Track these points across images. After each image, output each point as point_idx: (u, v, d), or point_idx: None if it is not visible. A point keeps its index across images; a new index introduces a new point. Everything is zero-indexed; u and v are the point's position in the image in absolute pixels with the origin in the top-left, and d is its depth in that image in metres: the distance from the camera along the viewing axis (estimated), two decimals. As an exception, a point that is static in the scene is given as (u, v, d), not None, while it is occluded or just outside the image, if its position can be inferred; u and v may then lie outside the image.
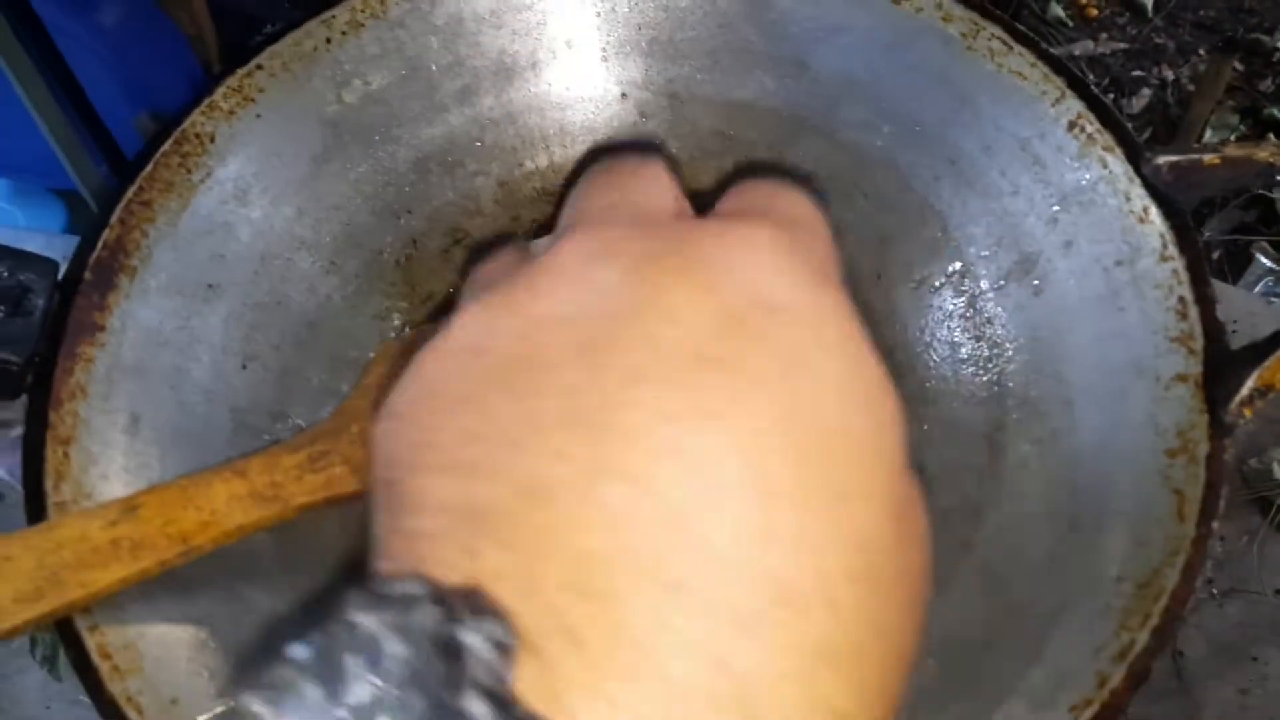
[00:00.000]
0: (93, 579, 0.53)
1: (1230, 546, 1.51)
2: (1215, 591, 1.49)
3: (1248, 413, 0.57)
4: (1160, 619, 0.53)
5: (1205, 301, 0.61)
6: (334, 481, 0.63)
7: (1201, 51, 2.06)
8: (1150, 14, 2.15)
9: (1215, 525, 0.55)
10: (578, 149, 0.81)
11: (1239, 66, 2.06)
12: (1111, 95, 2.17)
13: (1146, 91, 2.17)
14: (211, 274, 0.71)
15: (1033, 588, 0.60)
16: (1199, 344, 0.60)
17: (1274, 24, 2.12)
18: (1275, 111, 1.99)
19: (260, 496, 0.61)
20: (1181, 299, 0.62)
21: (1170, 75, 2.14)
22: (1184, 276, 0.62)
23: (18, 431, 0.93)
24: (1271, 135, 2.01)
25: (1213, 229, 1.94)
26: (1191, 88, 1.98)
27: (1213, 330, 0.61)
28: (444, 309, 0.76)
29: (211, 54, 1.03)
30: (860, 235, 0.77)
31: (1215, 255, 1.88)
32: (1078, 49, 2.21)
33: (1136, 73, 2.19)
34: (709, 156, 0.81)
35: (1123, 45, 2.19)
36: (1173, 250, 0.63)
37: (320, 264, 0.76)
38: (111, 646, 0.56)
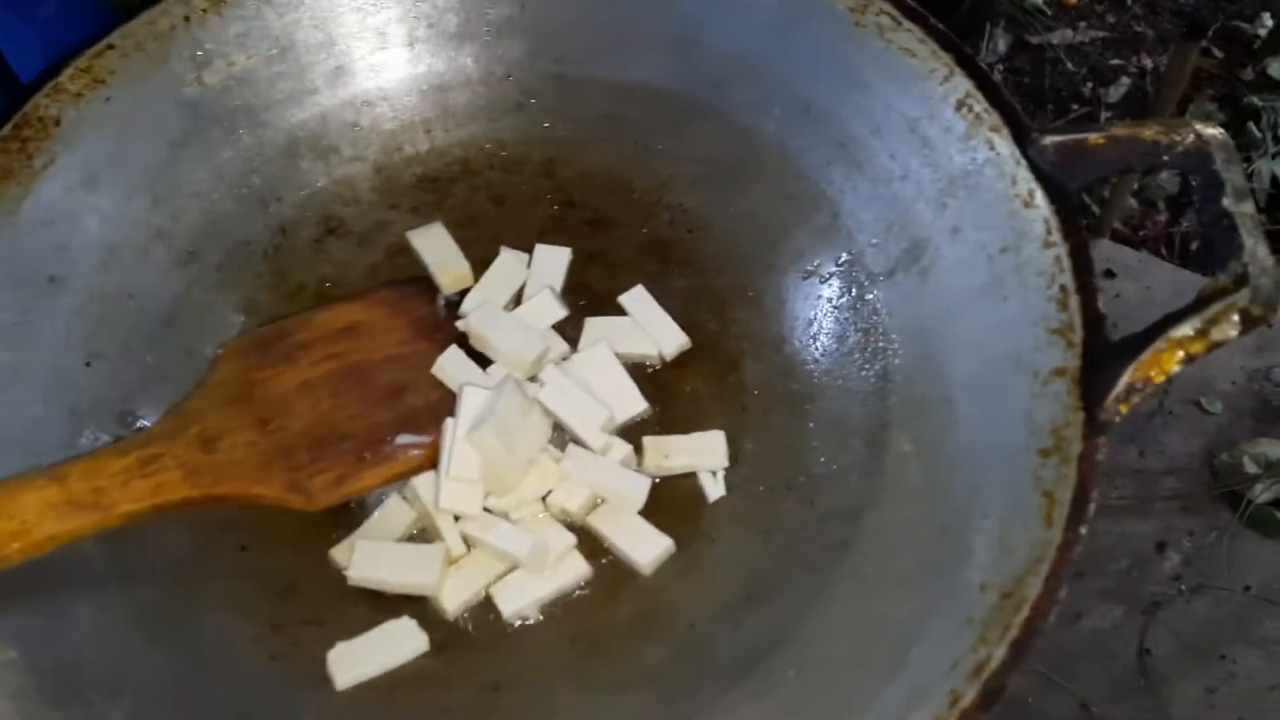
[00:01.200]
0: None
1: (1199, 542, 1.45)
2: (1184, 588, 1.44)
3: (1123, 409, 0.53)
4: (1019, 631, 0.50)
5: (1086, 290, 0.57)
6: (164, 487, 0.60)
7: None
8: (1129, 2, 2.10)
9: (1083, 531, 0.51)
10: (460, 133, 0.77)
11: (1218, 54, 2.02)
12: (1090, 84, 2.13)
13: (1125, 80, 2.13)
14: (54, 265, 0.67)
15: (901, 597, 0.56)
16: (1078, 336, 0.56)
17: (1254, 11, 2.07)
18: (1255, 100, 1.94)
19: (78, 504, 0.57)
20: (1063, 287, 0.58)
21: (1149, 64, 2.10)
22: (1066, 264, 0.58)
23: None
24: (1251, 124, 1.96)
25: (1192, 221, 1.90)
26: (1173, 76, 1.95)
27: (1092, 321, 0.57)
28: (317, 300, 0.73)
29: None
30: (755, 224, 0.73)
31: (1194, 246, 1.83)
32: (1056, 37, 2.16)
33: (1115, 61, 2.14)
34: (601, 141, 0.77)
35: (1101, 33, 2.14)
36: (1056, 236, 0.59)
37: (177, 254, 0.72)
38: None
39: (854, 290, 0.68)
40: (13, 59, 0.79)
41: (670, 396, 0.69)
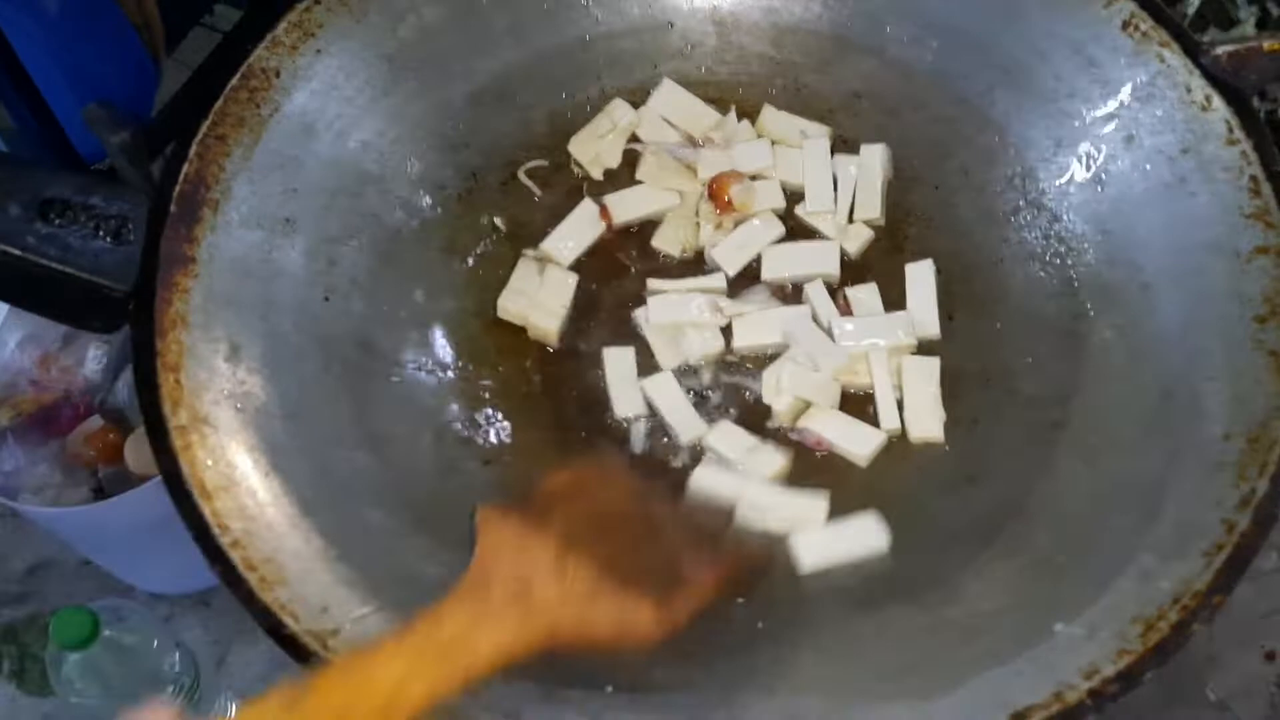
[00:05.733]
0: None
1: None
2: None
3: (1333, 276, 0.60)
4: (1278, 467, 0.56)
5: (1277, 179, 0.64)
6: (502, 634, 0.52)
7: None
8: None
9: (1315, 380, 0.58)
10: (628, 80, 0.82)
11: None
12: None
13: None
14: (287, 208, 0.71)
15: (1137, 457, 0.63)
16: (1276, 217, 0.63)
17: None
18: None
19: (434, 658, 0.51)
20: (1253, 178, 0.65)
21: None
22: (1253, 157, 0.65)
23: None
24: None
25: None
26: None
27: (1289, 202, 0.63)
28: (510, 240, 0.77)
29: (158, 42, 1.01)
30: (913, 148, 0.79)
31: None
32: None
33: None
34: (757, 80, 0.82)
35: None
36: (1239, 134, 0.66)
37: (388, 199, 0.75)
38: (254, 560, 0.56)
39: (1028, 201, 0.75)
40: (23, 55, 0.81)
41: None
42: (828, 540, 0.66)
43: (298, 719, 0.46)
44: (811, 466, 0.70)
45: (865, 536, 0.65)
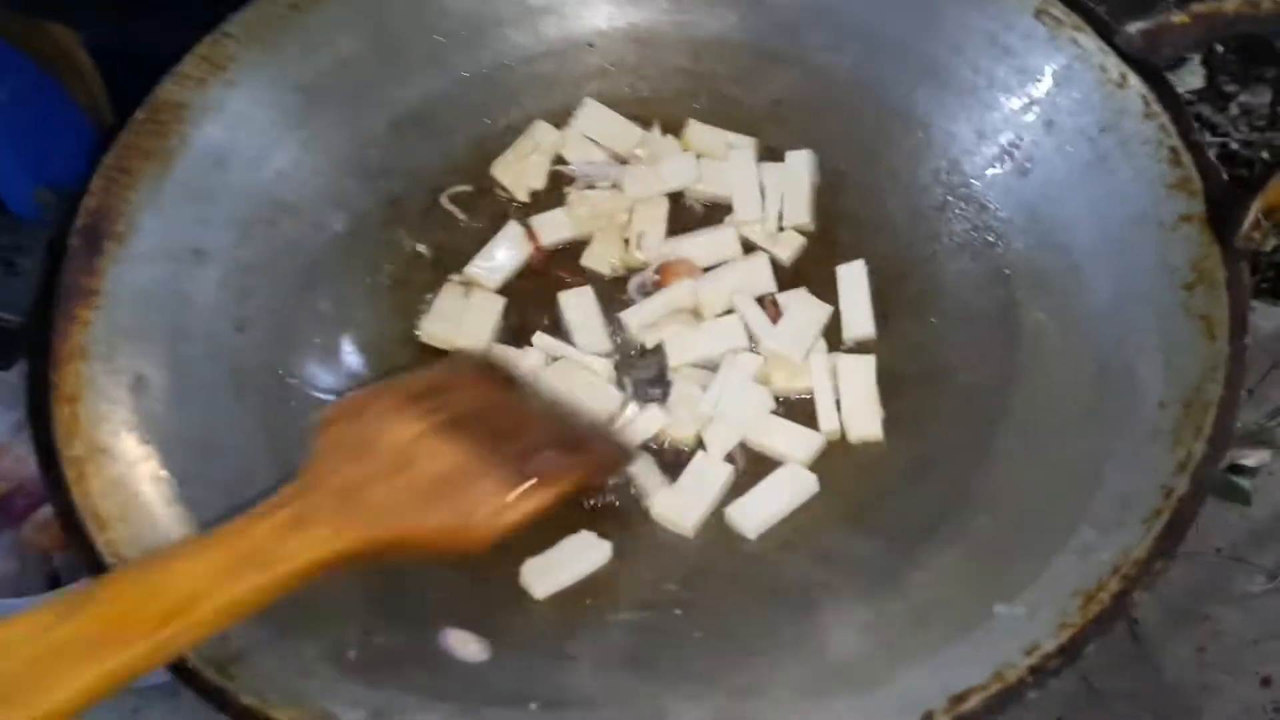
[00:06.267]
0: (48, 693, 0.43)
1: None
2: None
3: (1257, 236, 0.59)
4: (1213, 429, 0.54)
5: (1196, 148, 0.63)
6: (319, 542, 0.52)
7: None
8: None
9: (1248, 340, 0.56)
10: (551, 102, 0.81)
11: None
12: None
13: None
14: (198, 239, 0.69)
15: (1076, 435, 0.61)
16: (1197, 185, 0.62)
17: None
18: None
19: (243, 563, 0.49)
20: (1173, 149, 0.64)
21: None
22: (1171, 129, 0.64)
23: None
24: None
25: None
26: None
27: (1209, 172, 0.62)
28: (433, 266, 0.76)
29: (106, 122, 1.00)
30: (840, 152, 0.78)
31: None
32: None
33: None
34: (680, 95, 0.82)
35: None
36: (1156, 108, 0.65)
37: (305, 228, 0.74)
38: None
39: (955, 194, 0.74)
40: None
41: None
42: (759, 502, 0.65)
43: (73, 629, 0.43)
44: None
45: (794, 484, 0.65)
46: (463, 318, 0.74)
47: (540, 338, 0.72)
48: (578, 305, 0.74)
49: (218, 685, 0.50)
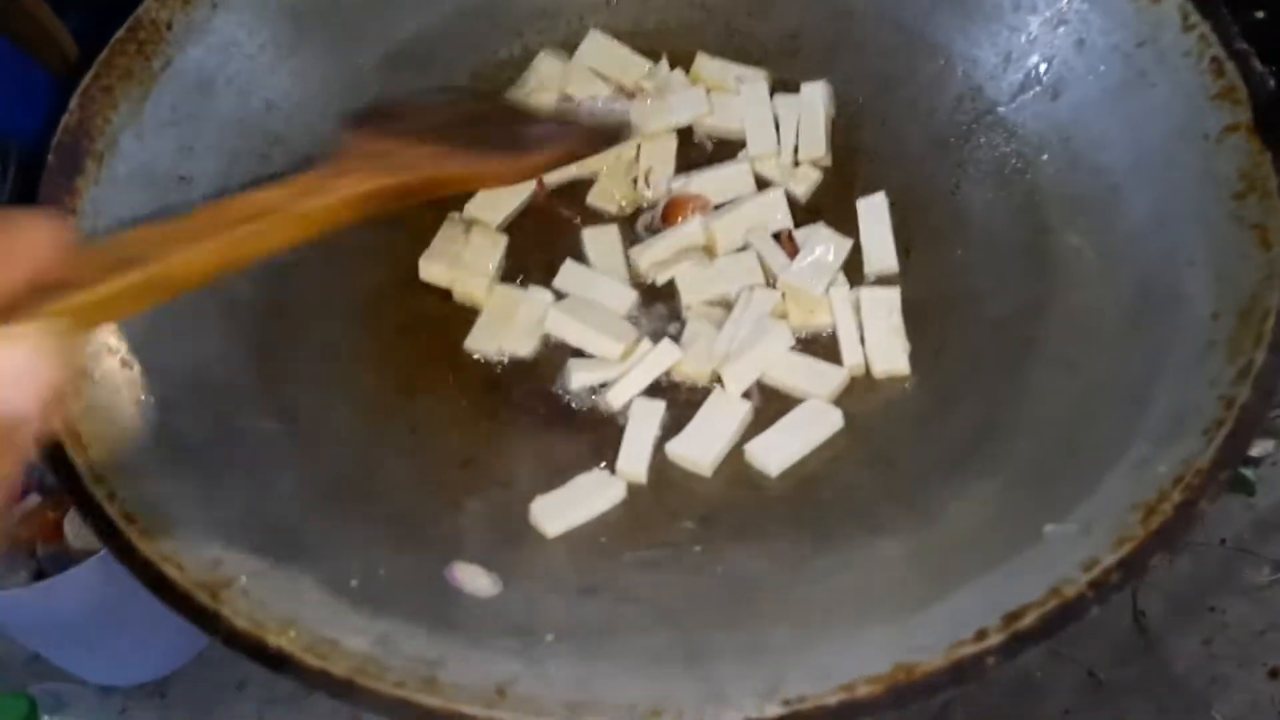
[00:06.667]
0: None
1: None
2: None
3: (1311, 142, 0.55)
4: (1274, 336, 0.51)
5: (1239, 56, 0.60)
6: (359, 181, 0.56)
7: None
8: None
9: (1307, 245, 0.53)
10: (553, 35, 0.78)
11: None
12: None
13: None
14: (183, 166, 0.65)
15: (1117, 356, 0.57)
16: (1243, 94, 0.59)
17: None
18: None
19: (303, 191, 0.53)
20: (1215, 59, 0.61)
21: None
22: (1212, 39, 0.61)
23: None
24: None
25: None
26: None
27: (1255, 79, 0.59)
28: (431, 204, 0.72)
29: (64, 56, 0.96)
30: (857, 85, 0.74)
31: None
32: None
33: None
34: (688, 28, 0.78)
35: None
36: (1195, 18, 0.62)
37: (297, 162, 0.70)
38: (134, 513, 0.49)
39: (980, 122, 0.70)
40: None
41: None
42: (781, 439, 0.61)
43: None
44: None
45: (818, 420, 0.62)
46: (462, 256, 0.70)
47: (570, 267, 0.69)
48: (600, 240, 0.71)
49: (209, 609, 0.46)
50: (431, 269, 0.69)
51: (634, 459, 0.61)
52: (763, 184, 0.72)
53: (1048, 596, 0.45)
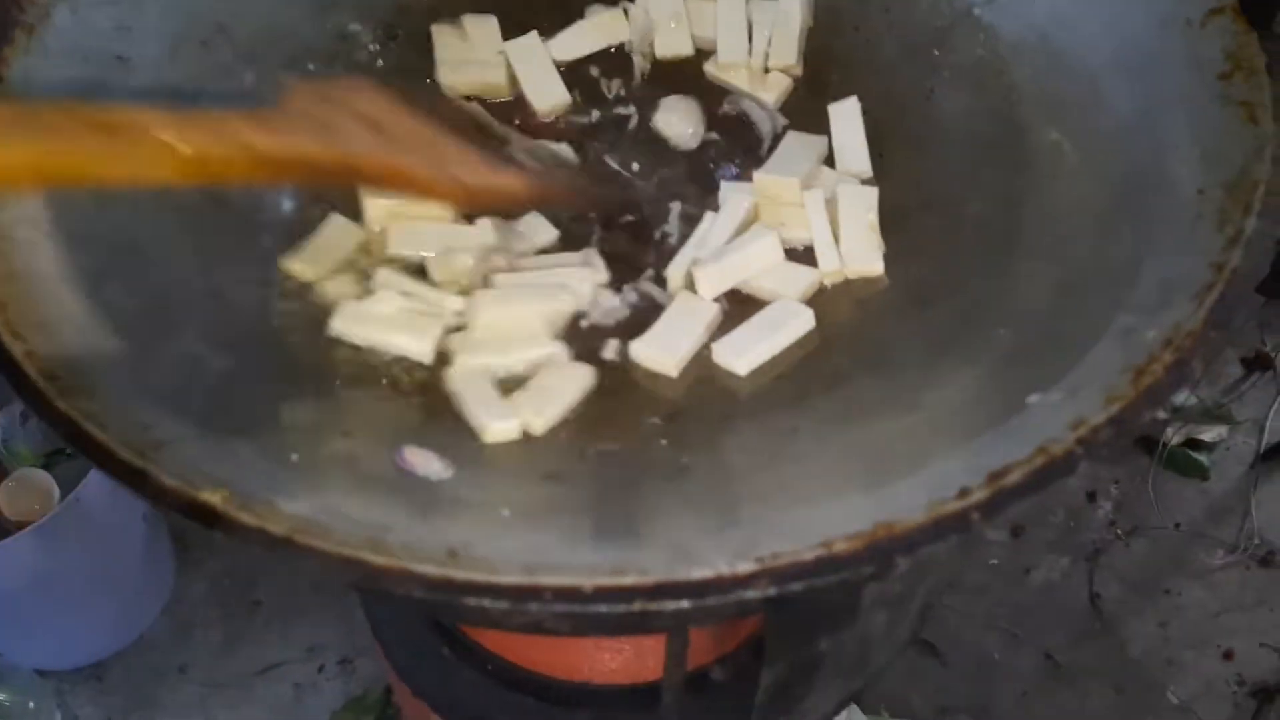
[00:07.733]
0: None
1: (1125, 488, 1.52)
2: (1120, 533, 1.50)
3: (1297, 20, 0.54)
4: (1261, 205, 0.49)
5: (1223, -58, 0.58)
6: (297, 143, 0.51)
7: None
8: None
9: (1299, 120, 0.51)
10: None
11: None
12: None
13: None
14: (120, 45, 0.62)
15: (1100, 240, 0.56)
16: (1226, -27, 0.57)
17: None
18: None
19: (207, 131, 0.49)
20: (1195, -53, 0.59)
21: None
22: (1193, -76, 0.59)
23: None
24: None
25: None
26: None
27: (1238, -38, 0.58)
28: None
29: None
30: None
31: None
32: None
33: None
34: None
35: None
36: (1174, -99, 0.60)
37: (240, 53, 0.67)
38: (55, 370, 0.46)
39: (955, 25, 0.69)
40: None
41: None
42: (749, 337, 0.58)
43: None
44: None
45: (788, 319, 0.59)
46: (469, 54, 0.70)
47: None
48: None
49: (134, 465, 0.43)
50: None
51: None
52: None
53: (1034, 455, 0.43)
